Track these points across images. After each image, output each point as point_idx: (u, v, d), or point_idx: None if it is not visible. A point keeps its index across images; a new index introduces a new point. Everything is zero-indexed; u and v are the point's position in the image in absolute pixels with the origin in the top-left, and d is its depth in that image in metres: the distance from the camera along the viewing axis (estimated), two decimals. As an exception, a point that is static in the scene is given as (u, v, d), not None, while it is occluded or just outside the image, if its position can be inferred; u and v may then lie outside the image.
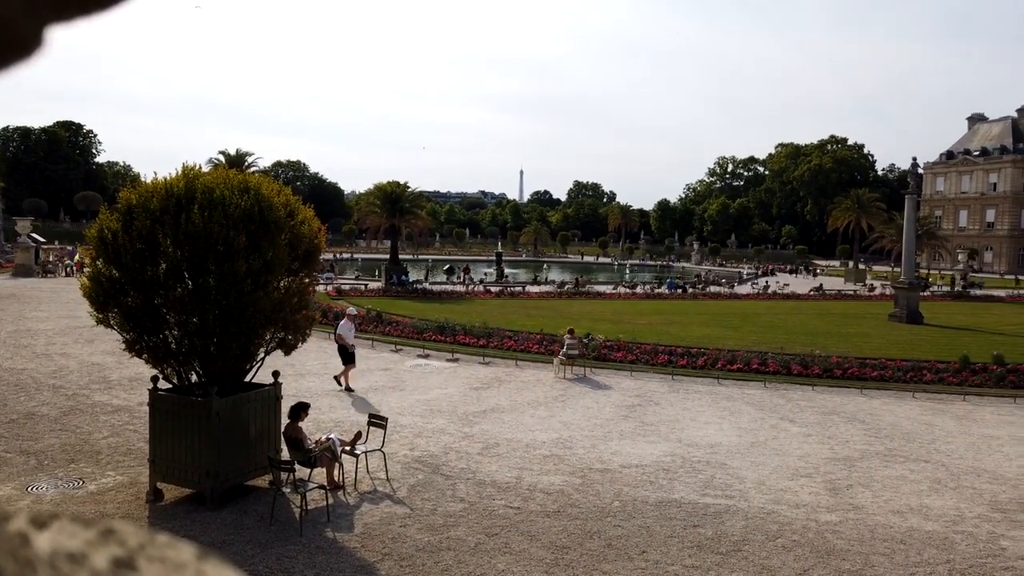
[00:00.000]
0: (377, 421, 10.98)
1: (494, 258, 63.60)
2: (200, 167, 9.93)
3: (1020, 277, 62.89)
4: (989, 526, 9.23)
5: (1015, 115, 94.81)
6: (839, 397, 16.89)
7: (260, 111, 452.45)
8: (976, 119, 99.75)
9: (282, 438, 9.93)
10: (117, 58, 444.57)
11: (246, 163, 69.55)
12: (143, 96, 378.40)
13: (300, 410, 10.10)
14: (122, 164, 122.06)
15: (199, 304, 8.96)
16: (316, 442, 10.09)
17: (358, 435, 10.58)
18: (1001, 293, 51.50)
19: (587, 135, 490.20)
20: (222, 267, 8.84)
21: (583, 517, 9.13)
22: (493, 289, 43.33)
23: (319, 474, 9.93)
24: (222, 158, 68.59)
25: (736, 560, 8.04)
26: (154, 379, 9.60)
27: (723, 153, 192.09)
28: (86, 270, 10.01)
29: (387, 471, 10.43)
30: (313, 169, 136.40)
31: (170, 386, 9.82)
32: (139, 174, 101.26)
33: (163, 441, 9.39)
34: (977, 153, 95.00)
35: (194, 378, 9.75)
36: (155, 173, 9.81)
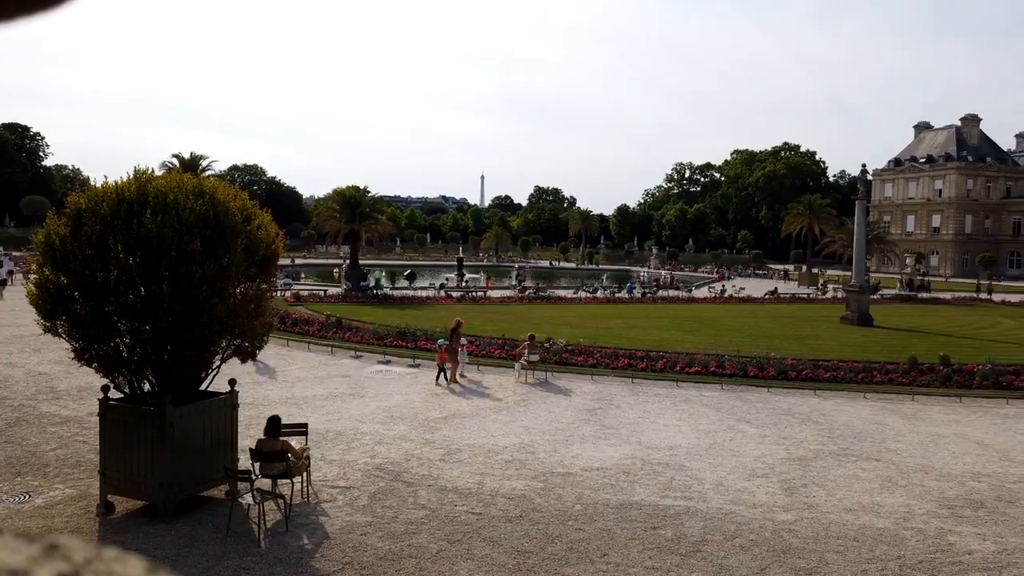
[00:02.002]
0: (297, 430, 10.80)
1: (455, 263, 63.47)
2: (153, 171, 9.69)
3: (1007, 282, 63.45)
4: (937, 522, 9.52)
5: (958, 124, 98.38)
6: (793, 398, 17.25)
7: (215, 112, 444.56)
8: (922, 127, 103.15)
9: (251, 452, 9.66)
10: (66, 56, 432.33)
11: (201, 167, 68.15)
12: (93, 96, 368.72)
13: (279, 424, 9.87)
14: (71, 168, 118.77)
15: (152, 311, 8.75)
16: (302, 450, 9.95)
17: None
18: (947, 296, 53.26)
19: (549, 138, 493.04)
20: (176, 273, 8.64)
21: (545, 521, 9.15)
22: (454, 294, 43.22)
23: (270, 483, 9.75)
24: (176, 162, 67.14)
25: (695, 561, 8.14)
26: (105, 388, 9.32)
27: (682, 158, 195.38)
28: (32, 277, 9.70)
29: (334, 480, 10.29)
30: (271, 173, 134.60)
31: (121, 395, 9.56)
32: (89, 178, 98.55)
33: (114, 452, 9.12)
34: (923, 160, 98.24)
35: (147, 387, 9.51)
36: (105, 177, 9.58)
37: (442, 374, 17.74)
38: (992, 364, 19.60)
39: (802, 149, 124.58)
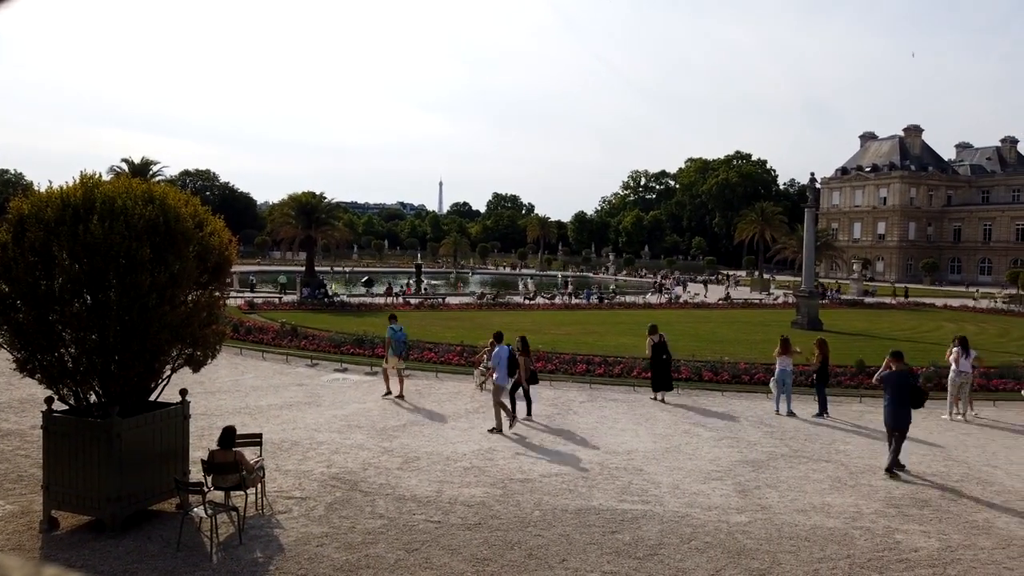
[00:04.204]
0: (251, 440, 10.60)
1: (413, 270, 63.13)
2: (100, 175, 9.41)
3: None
4: (885, 521, 9.80)
5: (902, 134, 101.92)
6: (747, 401, 17.57)
7: (167, 115, 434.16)
8: (867, 137, 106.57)
9: (203, 464, 9.41)
10: (6, 53, 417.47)
11: (151, 172, 66.61)
12: (37, 97, 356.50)
13: (233, 435, 9.64)
14: (13, 172, 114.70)
15: (99, 320, 8.49)
16: (255, 462, 9.74)
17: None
18: (892, 300, 55.05)
19: (508, 143, 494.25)
20: (124, 281, 8.40)
21: (504, 528, 9.14)
22: (412, 301, 42.95)
23: (223, 495, 9.54)
24: (125, 166, 65.48)
25: (652, 564, 8.22)
26: (48, 400, 9.01)
27: (638, 165, 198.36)
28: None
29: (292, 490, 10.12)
30: (224, 178, 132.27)
31: (67, 407, 9.25)
32: (32, 182, 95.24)
33: (59, 466, 8.81)
34: (869, 169, 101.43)
35: (93, 398, 9.22)
36: (50, 182, 9.22)
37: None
38: (935, 366, 20.27)
39: (754, 158, 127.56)
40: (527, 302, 45.63)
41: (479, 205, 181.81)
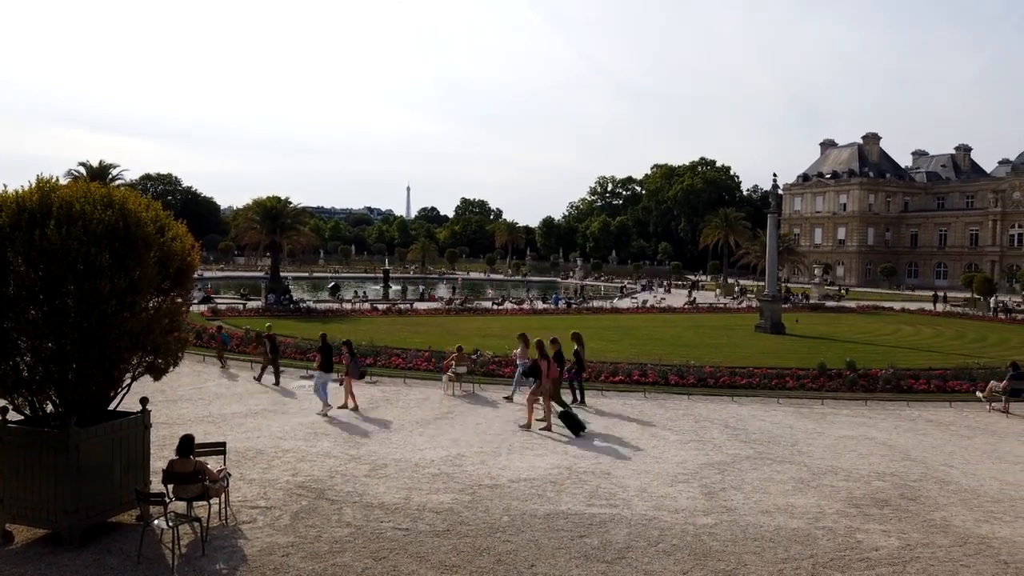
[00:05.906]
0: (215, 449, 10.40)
1: (381, 275, 62.77)
2: (57, 180, 9.19)
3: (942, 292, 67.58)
4: (846, 521, 9.99)
5: (861, 142, 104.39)
6: (712, 405, 17.79)
7: (128, 114, 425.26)
8: (827, 145, 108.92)
9: (163, 474, 9.20)
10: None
11: (110, 176, 65.16)
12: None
13: (192, 443, 9.46)
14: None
15: (56, 327, 8.28)
16: (219, 471, 9.55)
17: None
18: (852, 304, 56.24)
19: (477, 146, 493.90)
20: (82, 287, 8.21)
21: (472, 534, 9.12)
22: (380, 307, 42.66)
23: (185, 506, 9.35)
24: (83, 170, 63.98)
25: (621, 568, 8.27)
26: (2, 410, 8.75)
27: (605, 171, 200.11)
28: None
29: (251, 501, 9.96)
30: (187, 183, 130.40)
31: (22, 417, 8.99)
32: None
33: (13, 478, 8.56)
34: (829, 176, 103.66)
35: (50, 408, 8.98)
36: (5, 186, 8.98)
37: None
38: (894, 369, 20.79)
39: (718, 164, 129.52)
40: (495, 307, 45.64)
41: (447, 210, 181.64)
